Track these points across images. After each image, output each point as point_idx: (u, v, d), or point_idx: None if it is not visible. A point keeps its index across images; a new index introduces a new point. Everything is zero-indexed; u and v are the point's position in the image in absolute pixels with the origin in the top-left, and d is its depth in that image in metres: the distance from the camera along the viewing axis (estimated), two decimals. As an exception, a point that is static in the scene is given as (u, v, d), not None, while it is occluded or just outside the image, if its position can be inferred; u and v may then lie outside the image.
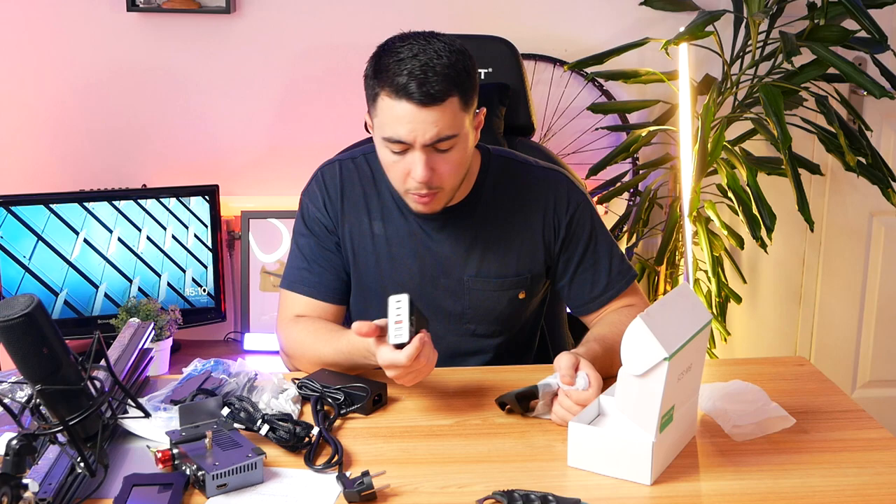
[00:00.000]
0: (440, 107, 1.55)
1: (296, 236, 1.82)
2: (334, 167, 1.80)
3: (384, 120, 1.58)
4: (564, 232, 1.76)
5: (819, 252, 3.10)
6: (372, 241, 1.77)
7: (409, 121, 1.55)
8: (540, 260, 1.78)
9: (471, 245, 1.75)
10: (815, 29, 2.50)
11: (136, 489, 1.28)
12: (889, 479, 1.37)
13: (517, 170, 1.78)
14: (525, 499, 1.27)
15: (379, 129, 1.61)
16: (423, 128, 1.55)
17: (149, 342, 1.70)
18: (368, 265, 1.76)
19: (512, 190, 1.76)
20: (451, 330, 1.79)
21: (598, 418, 1.45)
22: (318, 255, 1.78)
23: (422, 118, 1.55)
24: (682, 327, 1.37)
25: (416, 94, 1.53)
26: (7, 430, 1.43)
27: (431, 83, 1.53)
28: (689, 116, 2.60)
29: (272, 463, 1.38)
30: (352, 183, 1.78)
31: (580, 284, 1.78)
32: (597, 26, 2.88)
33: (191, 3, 2.78)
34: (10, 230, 2.62)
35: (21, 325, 1.15)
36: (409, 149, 1.58)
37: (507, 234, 1.76)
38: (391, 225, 1.76)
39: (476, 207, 1.75)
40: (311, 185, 1.81)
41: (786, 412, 1.51)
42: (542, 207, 1.76)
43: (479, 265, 1.75)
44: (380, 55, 1.61)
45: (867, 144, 2.55)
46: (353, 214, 1.77)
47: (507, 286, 1.77)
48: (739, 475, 1.37)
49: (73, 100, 2.85)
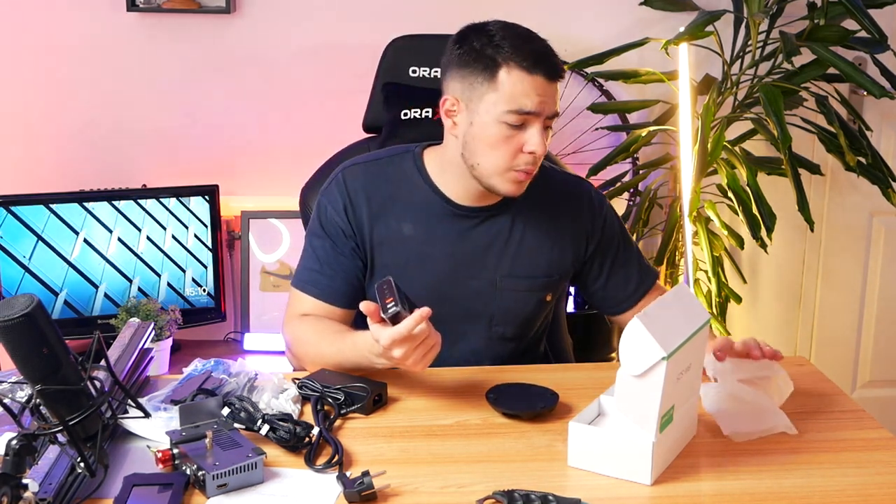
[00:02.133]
0: (559, 82, 1.65)
1: (310, 236, 1.80)
2: (357, 170, 1.78)
3: (512, 92, 1.61)
4: (600, 234, 1.81)
5: (819, 252, 3.10)
6: (402, 242, 1.75)
7: (540, 93, 1.61)
8: (568, 263, 1.81)
9: (504, 245, 1.76)
10: (815, 29, 2.50)
11: (136, 489, 1.28)
12: (889, 479, 1.37)
13: (545, 173, 1.78)
14: (525, 499, 1.27)
15: (500, 104, 1.62)
16: (550, 101, 1.63)
17: (149, 342, 1.70)
18: (397, 267, 1.74)
19: (541, 193, 1.77)
20: (477, 332, 1.79)
21: (598, 418, 1.46)
22: (332, 259, 1.76)
23: (551, 91, 1.63)
24: (680, 327, 1.37)
25: (548, 69, 1.61)
26: (7, 430, 1.43)
27: (555, 61, 1.64)
28: (689, 116, 2.60)
29: (272, 463, 1.38)
30: (377, 186, 1.76)
31: (615, 284, 1.83)
32: (597, 26, 2.87)
33: (191, 3, 2.78)
34: (10, 230, 2.62)
35: (21, 325, 1.15)
36: (527, 123, 1.62)
37: (538, 235, 1.78)
38: (422, 226, 1.75)
39: (509, 208, 1.76)
40: (331, 187, 1.78)
41: (789, 421, 1.50)
42: (572, 212, 1.80)
43: (512, 265, 1.76)
44: (472, 38, 1.66)
45: (867, 144, 2.55)
46: (381, 218, 1.75)
47: (537, 287, 1.79)
48: (739, 475, 1.37)
49: (73, 100, 2.85)
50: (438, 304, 1.50)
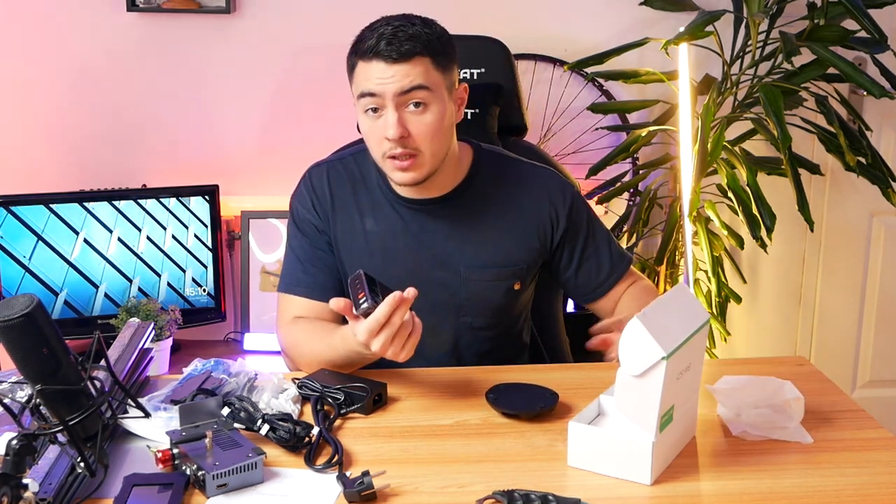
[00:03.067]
0: (409, 62, 1.61)
1: (289, 239, 1.86)
2: (321, 169, 1.84)
3: (358, 80, 1.65)
4: (566, 223, 1.80)
5: (819, 252, 3.10)
6: (364, 238, 1.78)
7: (378, 75, 1.61)
8: (535, 252, 1.81)
9: (465, 236, 1.77)
10: (814, 29, 2.50)
11: (136, 489, 1.28)
12: (889, 479, 1.37)
13: (508, 165, 1.82)
14: (525, 498, 1.27)
15: (355, 93, 1.66)
16: (393, 80, 1.61)
17: (149, 342, 1.70)
18: (361, 263, 1.76)
19: (505, 184, 1.79)
20: (448, 323, 1.80)
21: (598, 418, 1.46)
22: (311, 255, 1.81)
23: (391, 72, 1.61)
24: (679, 327, 1.37)
25: (385, 51, 1.60)
26: (7, 430, 1.43)
27: (401, 41, 1.61)
28: (689, 116, 2.60)
29: (272, 463, 1.38)
30: (340, 183, 1.81)
31: (586, 272, 1.83)
32: (597, 26, 2.88)
33: (191, 3, 2.78)
34: (10, 230, 2.62)
35: (21, 325, 1.15)
36: (382, 108, 1.63)
37: (502, 225, 1.78)
38: (383, 221, 1.78)
39: (468, 198, 1.77)
40: (300, 187, 1.85)
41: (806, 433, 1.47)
42: (537, 202, 1.80)
43: (475, 255, 1.77)
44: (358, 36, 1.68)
45: (867, 144, 2.55)
46: (344, 213, 1.80)
47: (503, 276, 1.79)
48: (739, 475, 1.37)
49: (73, 100, 2.85)
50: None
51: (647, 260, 2.88)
